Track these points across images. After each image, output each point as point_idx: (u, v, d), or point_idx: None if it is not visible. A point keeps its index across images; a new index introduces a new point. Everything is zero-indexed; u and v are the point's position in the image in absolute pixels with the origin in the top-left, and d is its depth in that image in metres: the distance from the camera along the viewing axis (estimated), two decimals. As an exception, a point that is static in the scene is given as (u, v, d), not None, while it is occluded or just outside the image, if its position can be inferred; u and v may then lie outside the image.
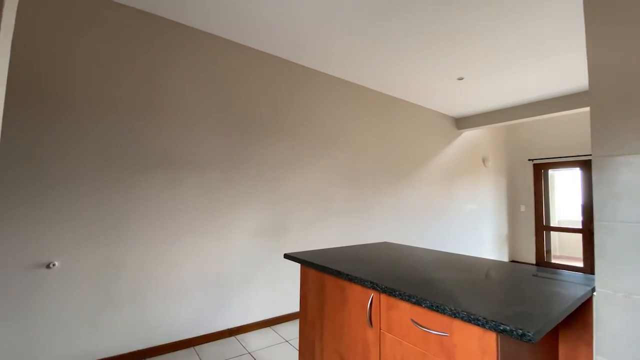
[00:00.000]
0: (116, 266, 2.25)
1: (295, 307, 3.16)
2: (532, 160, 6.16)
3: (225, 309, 2.72)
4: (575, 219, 6.99)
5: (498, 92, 4.13)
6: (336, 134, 3.61)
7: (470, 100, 4.41)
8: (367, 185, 3.88)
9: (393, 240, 4.14)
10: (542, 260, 5.93)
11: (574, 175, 6.60)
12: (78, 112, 2.17)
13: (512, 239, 6.30)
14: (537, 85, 3.87)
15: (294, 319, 3.12)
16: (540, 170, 6.11)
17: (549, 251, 6.05)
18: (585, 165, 5.54)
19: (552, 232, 6.13)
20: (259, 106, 3.01)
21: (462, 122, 5.28)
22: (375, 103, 4.07)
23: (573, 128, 5.67)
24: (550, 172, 6.15)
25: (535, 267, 1.54)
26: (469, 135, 5.51)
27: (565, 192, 6.63)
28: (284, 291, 3.08)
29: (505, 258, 6.15)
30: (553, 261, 5.97)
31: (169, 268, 2.46)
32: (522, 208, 6.26)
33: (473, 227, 5.47)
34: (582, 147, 5.54)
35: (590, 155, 5.39)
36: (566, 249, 6.76)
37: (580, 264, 5.81)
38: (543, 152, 6.03)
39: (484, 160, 5.80)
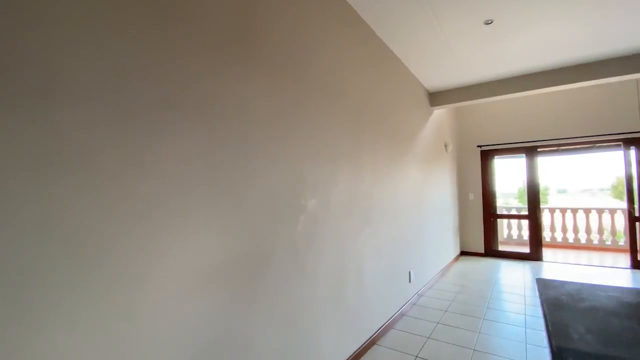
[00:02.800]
0: None
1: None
2: (481, 147, 5.94)
3: None
4: (511, 205, 7.37)
5: (506, 56, 3.38)
6: (334, 80, 2.15)
7: (462, 66, 3.56)
8: (367, 167, 2.56)
9: (397, 250, 2.96)
10: (491, 249, 5.78)
11: (515, 162, 6.76)
12: None
13: (463, 229, 6.00)
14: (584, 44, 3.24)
15: None
16: (487, 157, 5.95)
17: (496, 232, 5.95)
18: (531, 152, 5.54)
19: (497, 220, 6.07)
20: (206, -17, 1.31)
21: (436, 98, 4.48)
22: (374, 50, 2.76)
23: (519, 114, 5.61)
24: (496, 159, 6.05)
25: None
26: (435, 115, 4.76)
27: (503, 179, 6.76)
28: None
29: (457, 250, 5.79)
30: (500, 249, 5.89)
31: None
32: (471, 196, 6.01)
33: (441, 219, 4.80)
34: (526, 133, 5.51)
35: (535, 141, 5.33)
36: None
37: (523, 249, 5.88)
38: (488, 139, 5.86)
39: (445, 146, 5.21)
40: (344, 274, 2.14)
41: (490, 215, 5.87)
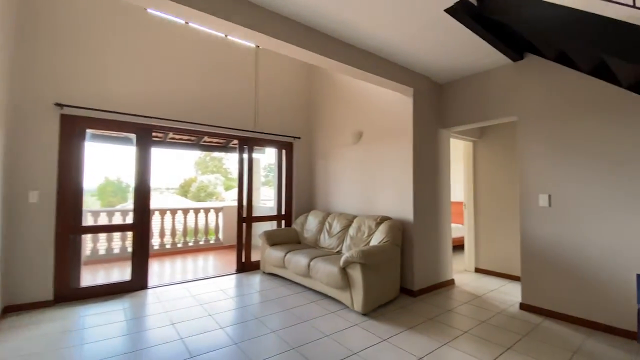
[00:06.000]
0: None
1: None
2: (63, 106, 3.30)
3: None
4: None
5: None
6: None
7: None
8: None
9: None
10: (68, 288, 3.32)
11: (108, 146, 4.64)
12: None
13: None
14: None
15: None
16: (75, 130, 3.43)
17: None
18: (145, 134, 3.84)
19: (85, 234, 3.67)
20: None
21: None
22: None
23: (139, 73, 3.73)
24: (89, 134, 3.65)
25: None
26: None
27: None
28: None
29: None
30: (83, 284, 3.56)
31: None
32: (33, 197, 3.16)
33: None
34: (142, 106, 3.78)
35: (152, 118, 3.77)
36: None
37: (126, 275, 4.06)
38: (80, 96, 3.41)
39: None
40: None
41: (69, 230, 3.36)
